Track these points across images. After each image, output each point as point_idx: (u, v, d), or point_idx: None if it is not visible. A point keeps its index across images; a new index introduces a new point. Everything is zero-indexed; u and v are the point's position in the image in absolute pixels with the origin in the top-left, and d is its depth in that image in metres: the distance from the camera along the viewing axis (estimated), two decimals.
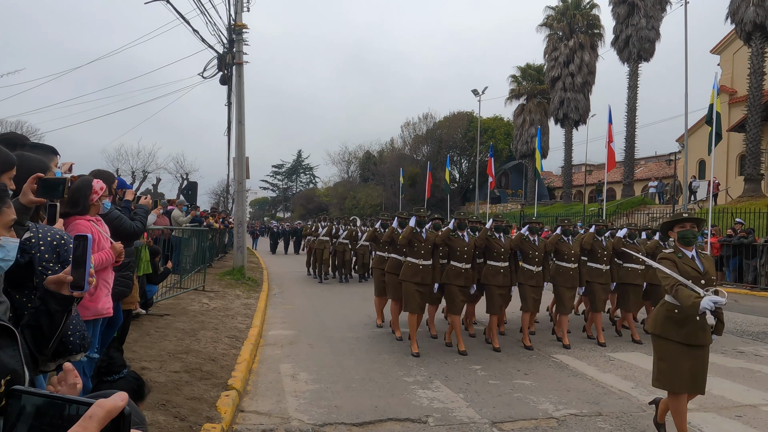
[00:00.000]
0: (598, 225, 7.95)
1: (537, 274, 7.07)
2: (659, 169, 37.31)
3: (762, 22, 21.82)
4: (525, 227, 7.30)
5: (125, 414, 0.78)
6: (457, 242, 6.74)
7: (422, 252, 6.61)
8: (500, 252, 6.89)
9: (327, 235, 14.60)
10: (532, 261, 7.09)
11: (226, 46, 14.36)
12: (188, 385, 4.61)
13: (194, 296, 9.33)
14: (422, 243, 6.61)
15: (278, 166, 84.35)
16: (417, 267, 6.61)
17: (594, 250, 7.64)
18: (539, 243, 7.15)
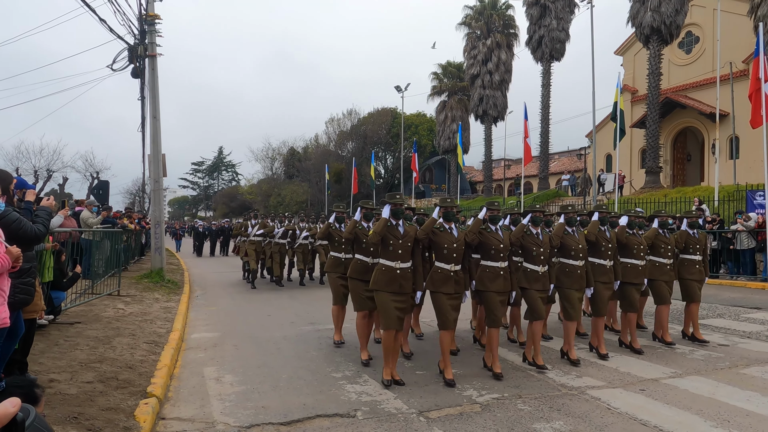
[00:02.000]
0: (601, 212, 6.49)
1: (543, 275, 5.81)
2: (571, 163, 39.56)
3: (658, 26, 23.64)
4: (527, 217, 5.99)
5: (17, 420, 0.72)
6: (443, 237, 5.27)
7: (399, 251, 5.18)
8: (499, 249, 5.50)
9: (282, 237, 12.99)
10: (537, 259, 5.79)
11: (137, 37, 13.62)
12: (103, 395, 4.35)
13: (108, 302, 8.81)
14: (399, 240, 5.19)
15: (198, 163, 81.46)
16: (393, 272, 5.20)
17: (598, 242, 6.33)
18: (543, 237, 5.87)
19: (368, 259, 5.95)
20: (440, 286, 5.25)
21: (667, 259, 6.87)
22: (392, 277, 5.21)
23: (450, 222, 5.35)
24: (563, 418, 4.35)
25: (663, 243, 6.90)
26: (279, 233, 12.95)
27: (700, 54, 27.70)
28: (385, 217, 5.21)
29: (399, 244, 5.22)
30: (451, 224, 5.35)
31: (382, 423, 4.22)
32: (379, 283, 5.23)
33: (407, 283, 5.25)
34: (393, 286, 5.19)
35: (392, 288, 5.18)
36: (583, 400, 4.76)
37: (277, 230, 12.98)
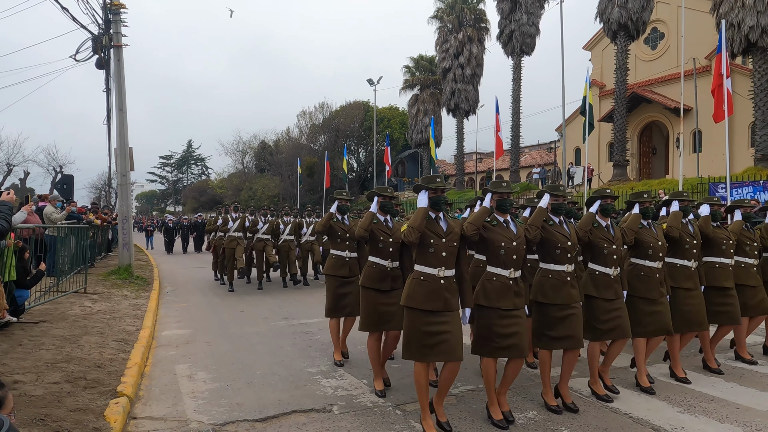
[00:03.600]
0: (682, 200, 5.28)
1: (615, 280, 4.58)
2: (541, 156, 40.13)
3: (625, 22, 24.10)
4: (595, 204, 4.72)
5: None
6: (498, 233, 4.10)
7: (443, 254, 3.86)
8: (566, 248, 4.33)
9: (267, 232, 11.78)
10: (608, 260, 4.56)
11: (102, 26, 13.21)
12: (71, 396, 4.23)
13: (75, 299, 8.57)
14: (443, 239, 3.88)
15: (167, 157, 79.89)
16: (436, 282, 3.84)
17: (681, 238, 5.12)
18: (615, 231, 4.68)
19: (386, 262, 4.83)
20: (495, 300, 4.00)
21: (754, 259, 5.70)
22: (434, 289, 3.80)
23: (505, 213, 4.14)
24: (537, 408, 4.43)
25: (748, 239, 5.72)
26: (263, 228, 11.77)
27: (665, 50, 28.38)
28: (424, 207, 3.90)
29: (442, 244, 3.84)
30: (506, 216, 4.15)
31: (359, 417, 4.22)
32: (415, 298, 3.81)
33: (453, 297, 3.85)
34: (435, 301, 3.78)
35: (435, 304, 3.78)
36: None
37: (261, 225, 11.79)
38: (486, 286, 4.07)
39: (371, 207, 4.95)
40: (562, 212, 4.45)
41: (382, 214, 4.97)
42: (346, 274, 5.67)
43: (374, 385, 4.83)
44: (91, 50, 13.20)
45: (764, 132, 20.38)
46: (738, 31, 19.92)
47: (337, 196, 5.96)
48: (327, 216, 5.75)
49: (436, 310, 3.78)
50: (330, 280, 5.75)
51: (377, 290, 4.81)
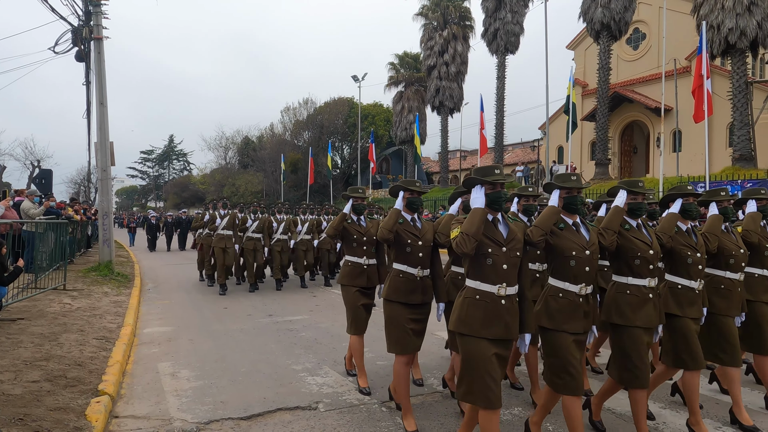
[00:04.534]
0: (760, 198, 4.45)
1: (700, 295, 3.89)
2: (525, 154, 40.45)
3: (608, 22, 24.35)
4: (676, 204, 3.91)
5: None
6: (569, 239, 3.38)
7: (505, 267, 3.13)
8: (648, 258, 3.56)
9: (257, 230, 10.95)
10: (692, 271, 3.83)
11: (82, 18, 12.96)
12: (51, 394, 4.15)
13: (54, 296, 8.41)
14: (503, 247, 3.14)
15: (148, 152, 78.85)
16: (496, 303, 3.11)
17: (761, 245, 4.38)
18: (698, 237, 3.94)
19: (416, 270, 4.06)
20: (564, 321, 3.32)
21: None
22: (494, 311, 3.10)
23: (574, 214, 3.45)
24: (521, 404, 4.46)
25: None
26: (253, 226, 10.96)
27: (647, 50, 28.75)
28: (481, 208, 3.12)
29: (503, 254, 3.12)
30: (575, 217, 3.45)
31: (344, 414, 4.21)
32: (470, 323, 3.11)
33: (515, 322, 3.16)
34: (496, 326, 3.09)
35: (495, 331, 3.09)
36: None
37: (250, 222, 11.01)
38: (550, 304, 3.37)
39: (396, 203, 4.13)
40: (641, 214, 3.67)
41: (409, 212, 4.15)
42: (364, 284, 4.90)
43: (404, 425, 3.93)
44: (70, 42, 12.95)
45: (742, 132, 20.78)
46: (717, 32, 20.26)
47: (351, 194, 5.09)
48: (340, 217, 4.93)
49: (497, 337, 3.08)
50: (347, 291, 4.96)
51: (405, 304, 4.02)
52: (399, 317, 4.02)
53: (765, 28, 20.10)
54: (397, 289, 4.05)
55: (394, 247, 4.12)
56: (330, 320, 7.85)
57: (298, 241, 11.28)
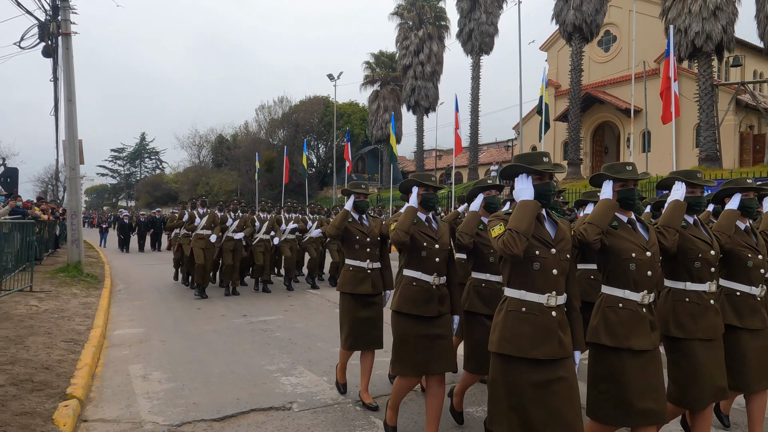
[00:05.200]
0: None
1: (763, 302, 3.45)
2: (499, 154, 40.87)
3: (580, 25, 24.83)
4: (734, 199, 3.47)
5: None
6: (627, 240, 2.90)
7: (554, 272, 2.67)
8: (708, 259, 3.16)
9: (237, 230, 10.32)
10: (753, 275, 3.40)
11: (49, 12, 12.64)
12: (16, 399, 4.05)
13: (20, 298, 8.19)
14: (552, 249, 2.68)
15: (119, 150, 77.31)
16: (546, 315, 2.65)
17: None
18: (758, 237, 3.51)
19: (431, 278, 3.57)
20: (624, 338, 2.78)
21: None
22: (545, 327, 2.61)
23: (629, 211, 2.97)
24: None
25: None
26: (233, 226, 10.35)
27: (617, 52, 29.36)
28: (532, 200, 2.63)
29: (552, 257, 2.65)
30: (630, 214, 2.98)
31: (319, 414, 4.21)
32: (518, 341, 2.60)
33: (567, 337, 2.66)
34: (548, 345, 2.58)
35: (549, 348, 2.58)
36: None
37: (231, 222, 10.38)
38: (608, 317, 2.83)
39: (410, 200, 3.66)
40: (700, 210, 3.29)
41: (424, 211, 3.69)
42: (368, 291, 4.38)
43: None
44: (37, 37, 12.63)
45: (708, 133, 21.40)
46: (685, 36, 20.83)
47: (353, 189, 4.55)
48: (342, 215, 4.43)
49: (550, 357, 2.58)
50: (347, 300, 4.43)
51: (419, 317, 3.51)
52: (411, 333, 3.51)
53: (729, 32, 20.76)
54: (410, 300, 3.53)
55: (405, 252, 3.64)
56: (305, 320, 7.83)
57: (282, 241, 10.90)
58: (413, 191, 3.69)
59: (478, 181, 3.65)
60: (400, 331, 3.58)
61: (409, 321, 3.55)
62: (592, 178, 3.16)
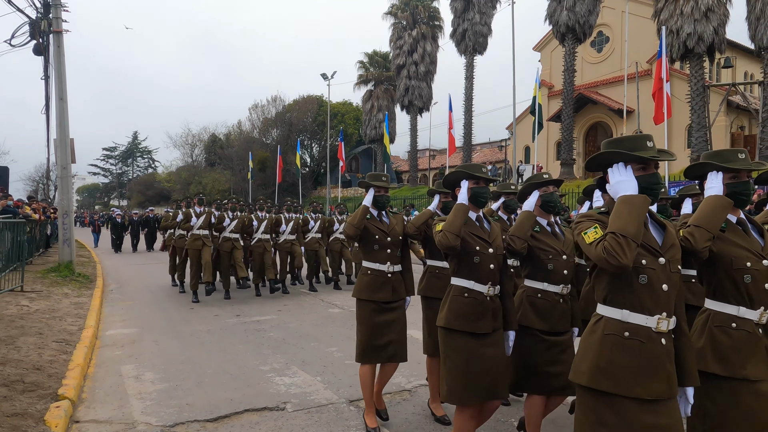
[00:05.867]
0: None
1: None
2: (492, 154, 40.95)
3: (573, 25, 24.90)
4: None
5: None
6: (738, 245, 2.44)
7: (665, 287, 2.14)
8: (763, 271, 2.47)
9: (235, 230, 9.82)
10: None
11: (40, 10, 12.54)
12: (7, 400, 4.02)
13: (10, 298, 8.12)
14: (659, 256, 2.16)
15: (110, 149, 76.84)
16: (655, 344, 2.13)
17: None
18: None
19: (485, 288, 3.12)
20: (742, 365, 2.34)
21: None
22: (653, 356, 2.09)
23: (737, 210, 2.52)
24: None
25: None
26: (231, 226, 9.82)
27: (610, 53, 29.50)
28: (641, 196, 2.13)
29: (660, 268, 2.15)
30: (738, 213, 2.51)
31: (313, 414, 4.20)
32: (619, 375, 2.09)
33: (674, 368, 2.15)
34: (657, 380, 2.08)
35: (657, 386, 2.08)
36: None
37: (228, 221, 9.85)
38: (719, 339, 2.38)
39: (459, 197, 3.17)
40: None
41: (474, 209, 3.26)
42: (388, 298, 3.90)
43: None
44: (28, 35, 12.53)
45: (699, 134, 21.53)
46: (677, 37, 20.95)
47: (372, 181, 3.98)
48: (361, 211, 3.90)
49: (657, 397, 2.07)
50: (364, 307, 3.94)
51: (473, 335, 3.09)
52: (464, 352, 3.06)
53: (721, 33, 20.90)
54: (461, 314, 3.10)
55: (454, 258, 3.19)
56: (298, 320, 7.81)
57: (281, 241, 10.37)
58: (462, 185, 3.20)
59: (532, 177, 3.30)
60: (451, 352, 3.11)
61: (461, 339, 3.10)
62: (692, 167, 2.57)
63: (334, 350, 6.11)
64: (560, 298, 3.24)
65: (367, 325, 3.91)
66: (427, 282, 4.23)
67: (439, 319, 3.22)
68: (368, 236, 3.95)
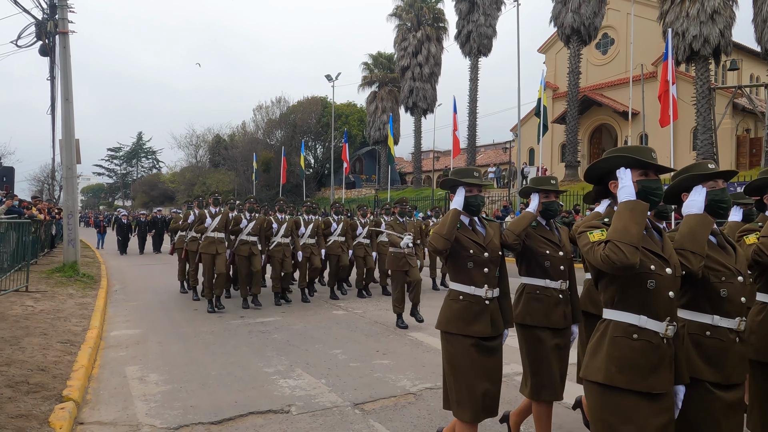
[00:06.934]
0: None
1: None
2: (497, 156, 40.91)
3: (578, 27, 24.85)
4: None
5: None
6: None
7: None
8: None
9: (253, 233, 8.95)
10: None
11: (46, 11, 12.58)
12: (12, 401, 4.01)
13: (15, 298, 8.14)
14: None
15: (115, 149, 77.09)
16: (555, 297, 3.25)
17: None
18: None
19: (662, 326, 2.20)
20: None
21: None
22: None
23: None
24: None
25: None
26: (248, 228, 8.96)
27: (615, 55, 29.43)
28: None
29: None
30: None
31: (317, 417, 4.18)
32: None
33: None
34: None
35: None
36: (511, 386, 4.94)
37: (245, 223, 8.97)
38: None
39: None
40: None
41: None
42: (487, 332, 2.99)
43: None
44: (34, 36, 12.57)
45: (705, 137, 21.45)
46: (682, 39, 20.87)
47: (462, 179, 3.08)
48: (451, 218, 2.95)
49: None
50: (457, 343, 2.99)
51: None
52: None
53: (727, 36, 20.82)
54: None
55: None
56: (302, 321, 7.80)
57: (300, 245, 9.54)
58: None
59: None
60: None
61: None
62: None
63: (339, 352, 6.09)
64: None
65: (465, 366, 2.95)
66: (524, 306, 3.36)
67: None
68: (459, 251, 3.05)
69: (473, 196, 3.07)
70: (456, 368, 2.96)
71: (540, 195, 3.32)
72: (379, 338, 6.80)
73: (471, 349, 2.94)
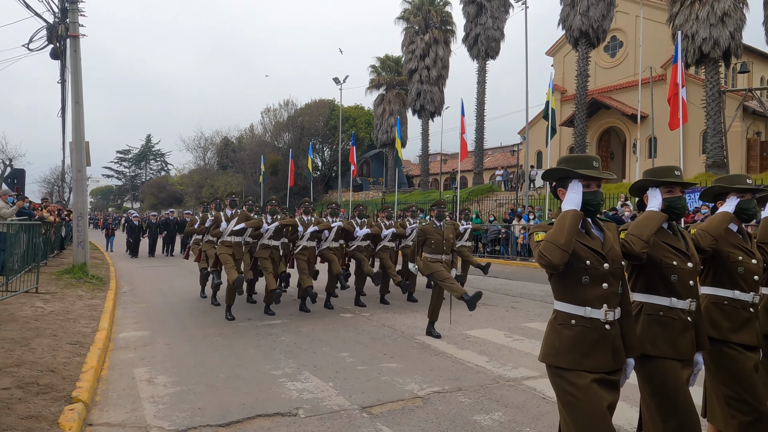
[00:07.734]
0: None
1: None
2: (504, 158, 40.80)
3: (586, 30, 24.77)
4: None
5: None
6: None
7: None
8: None
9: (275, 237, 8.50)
10: None
11: (58, 15, 12.70)
12: (22, 402, 4.04)
13: (25, 299, 8.21)
14: None
15: (124, 151, 77.80)
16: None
17: None
18: None
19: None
20: None
21: None
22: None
23: None
24: (502, 409, 4.47)
25: None
26: (270, 231, 8.47)
27: (624, 58, 29.28)
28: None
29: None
30: None
31: (325, 421, 4.17)
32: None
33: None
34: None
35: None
36: (520, 390, 4.92)
37: (266, 226, 8.45)
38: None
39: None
40: None
41: None
42: (607, 365, 2.39)
43: None
44: (45, 39, 12.69)
45: (715, 140, 21.29)
46: (692, 42, 20.75)
47: (577, 169, 2.45)
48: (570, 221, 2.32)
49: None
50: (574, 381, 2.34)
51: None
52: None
53: (737, 38, 20.68)
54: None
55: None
56: (310, 324, 7.80)
57: (324, 249, 9.07)
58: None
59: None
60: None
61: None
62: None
63: (346, 355, 6.08)
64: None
65: (584, 411, 2.29)
66: (643, 331, 2.70)
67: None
68: (573, 263, 2.38)
69: (592, 193, 2.42)
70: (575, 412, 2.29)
71: (662, 190, 2.66)
72: (387, 341, 6.79)
73: (592, 386, 2.29)
